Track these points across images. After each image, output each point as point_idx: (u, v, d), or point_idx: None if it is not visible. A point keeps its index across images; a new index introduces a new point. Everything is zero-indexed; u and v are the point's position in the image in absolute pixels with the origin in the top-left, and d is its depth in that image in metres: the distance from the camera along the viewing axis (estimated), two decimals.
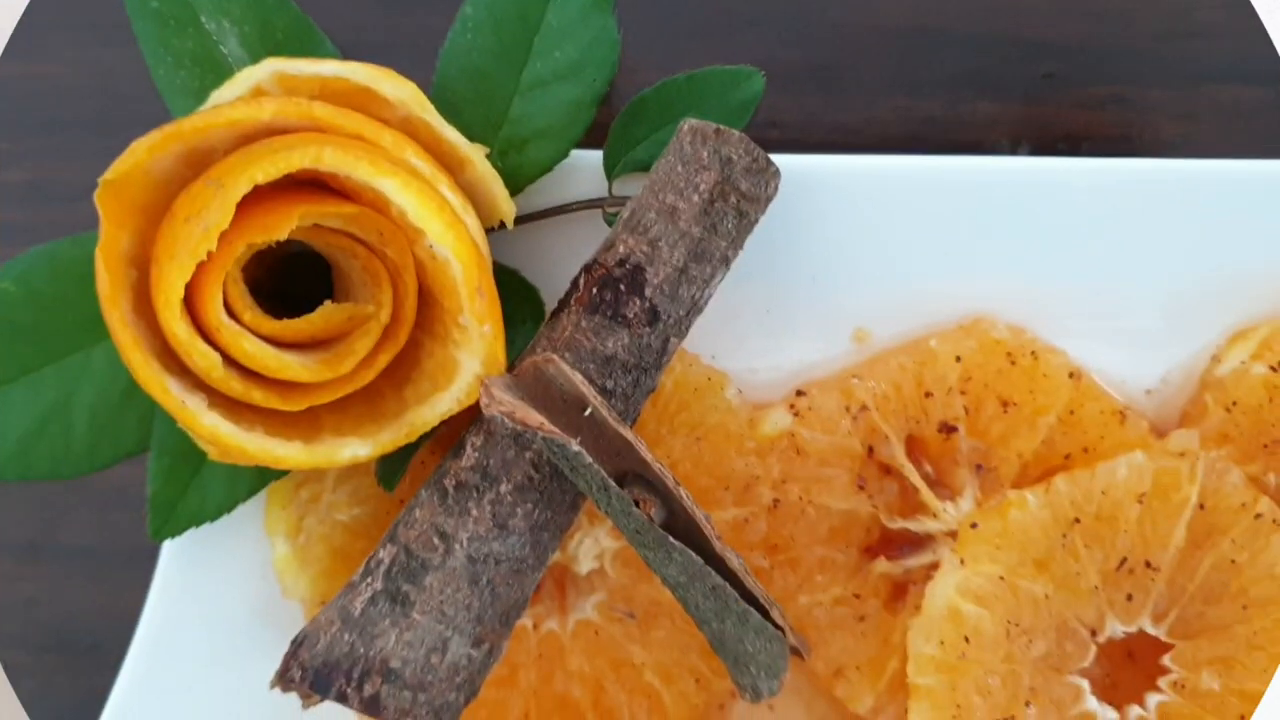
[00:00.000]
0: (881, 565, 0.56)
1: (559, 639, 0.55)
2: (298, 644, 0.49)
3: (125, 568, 0.63)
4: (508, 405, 0.46)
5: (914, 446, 0.56)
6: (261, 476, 0.52)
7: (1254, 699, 0.53)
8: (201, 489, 0.52)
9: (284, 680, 0.49)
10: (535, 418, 0.46)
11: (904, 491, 0.56)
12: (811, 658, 0.55)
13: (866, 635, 0.56)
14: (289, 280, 0.52)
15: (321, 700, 0.51)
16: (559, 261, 0.53)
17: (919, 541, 0.56)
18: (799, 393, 0.56)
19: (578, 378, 0.47)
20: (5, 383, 0.51)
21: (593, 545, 0.55)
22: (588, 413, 0.47)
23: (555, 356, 0.47)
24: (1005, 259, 0.56)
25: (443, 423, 0.49)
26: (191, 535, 0.53)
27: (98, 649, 0.63)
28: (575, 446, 0.46)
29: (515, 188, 0.51)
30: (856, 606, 0.56)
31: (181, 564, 0.55)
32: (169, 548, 0.54)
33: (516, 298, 0.53)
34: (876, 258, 0.56)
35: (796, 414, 0.55)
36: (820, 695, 0.58)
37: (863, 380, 0.55)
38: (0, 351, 0.51)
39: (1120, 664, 0.57)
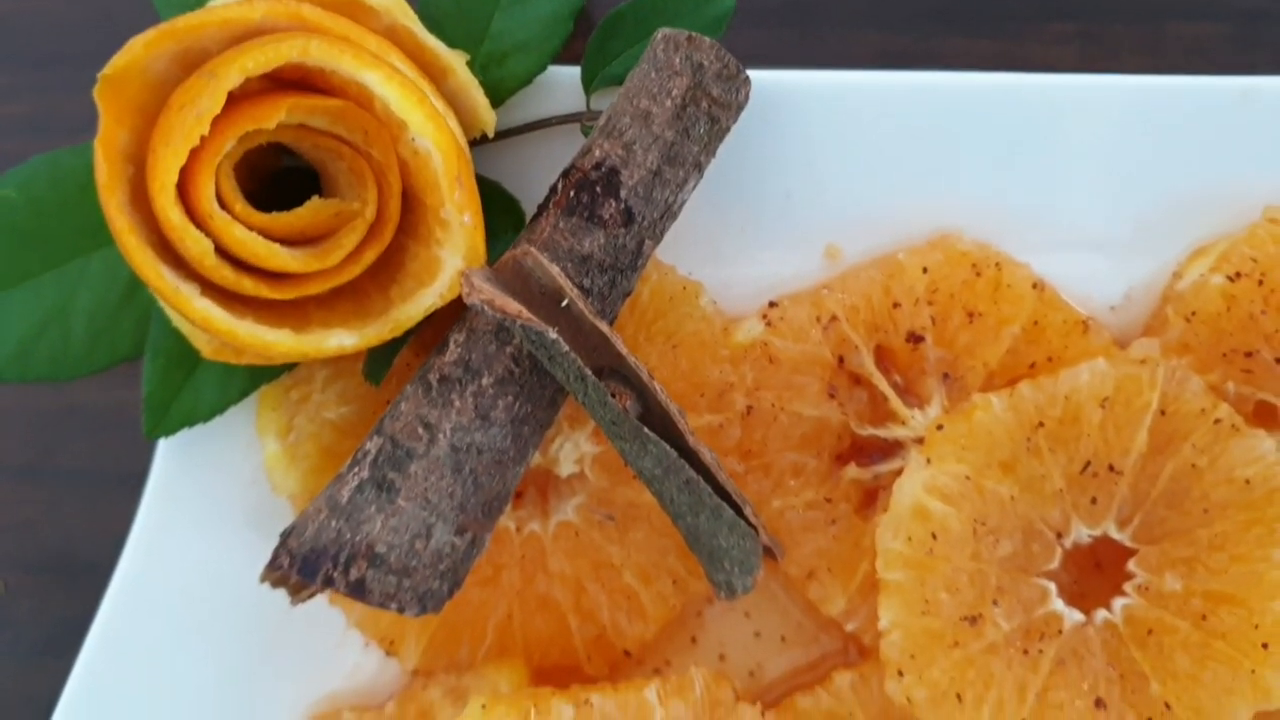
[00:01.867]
0: (852, 471, 0.58)
1: (541, 540, 0.57)
2: (287, 534, 0.51)
3: (121, 490, 0.64)
4: (488, 293, 0.48)
5: (883, 356, 0.58)
6: (253, 378, 0.54)
7: (1215, 598, 0.55)
8: (195, 390, 0.54)
9: (273, 569, 0.51)
10: (514, 306, 0.48)
11: (873, 400, 0.58)
12: (784, 560, 0.57)
13: (838, 539, 0.57)
14: (280, 198, 0.54)
15: (310, 594, 0.53)
16: (539, 174, 0.55)
17: (888, 448, 0.58)
18: (771, 304, 0.58)
19: (554, 269, 0.49)
20: (6, 287, 0.53)
21: (573, 449, 0.57)
22: (564, 304, 0.49)
23: (532, 249, 0.49)
24: (974, 177, 0.58)
25: (427, 320, 0.51)
26: (185, 438, 0.55)
27: (94, 568, 0.64)
28: (553, 334, 0.48)
29: (496, 100, 0.53)
30: (828, 511, 0.58)
31: (175, 467, 0.56)
32: (163, 450, 0.56)
33: (497, 208, 0.55)
34: (848, 175, 0.58)
35: (769, 324, 0.57)
36: (794, 602, 0.60)
37: (833, 291, 0.57)
38: (2, 257, 0.53)
39: (1088, 573, 0.59)
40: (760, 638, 0.60)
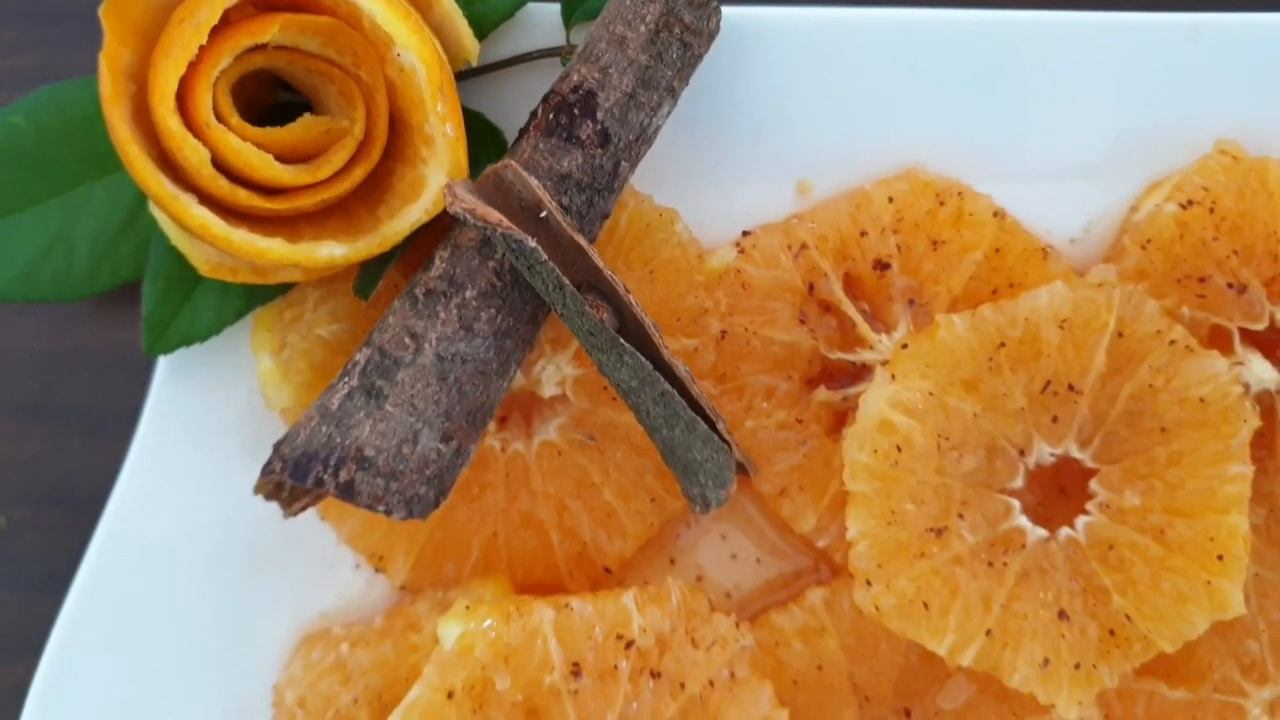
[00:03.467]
0: (822, 394, 0.60)
1: (524, 460, 0.59)
2: (280, 443, 0.53)
3: (121, 428, 0.66)
4: (469, 203, 0.50)
5: (851, 283, 0.61)
6: (249, 299, 0.57)
7: (1173, 513, 0.57)
8: (193, 310, 0.56)
9: (266, 476, 0.53)
10: (495, 215, 0.50)
11: (842, 326, 0.61)
12: (757, 477, 0.59)
13: (809, 458, 0.60)
14: None
15: (302, 506, 0.55)
16: (521, 107, 0.58)
17: (857, 372, 0.61)
18: (744, 233, 0.61)
19: (533, 182, 0.51)
20: (13, 211, 0.56)
21: (555, 372, 0.59)
22: (543, 215, 0.52)
23: (512, 162, 0.52)
24: (941, 115, 0.61)
25: (414, 242, 0.54)
26: (182, 360, 0.58)
27: (94, 504, 0.66)
28: (532, 243, 0.50)
29: (479, 34, 0.56)
30: (799, 431, 0.60)
31: (173, 389, 0.59)
32: (162, 370, 0.59)
33: (481, 137, 0.57)
34: (819, 111, 0.61)
35: (742, 251, 0.60)
36: (769, 522, 0.62)
37: (803, 221, 0.60)
38: (9, 182, 0.56)
39: (1053, 497, 0.61)
40: (737, 559, 0.62)
